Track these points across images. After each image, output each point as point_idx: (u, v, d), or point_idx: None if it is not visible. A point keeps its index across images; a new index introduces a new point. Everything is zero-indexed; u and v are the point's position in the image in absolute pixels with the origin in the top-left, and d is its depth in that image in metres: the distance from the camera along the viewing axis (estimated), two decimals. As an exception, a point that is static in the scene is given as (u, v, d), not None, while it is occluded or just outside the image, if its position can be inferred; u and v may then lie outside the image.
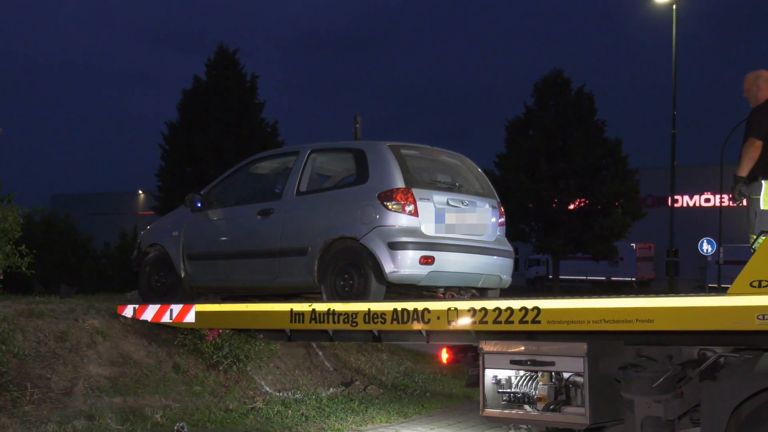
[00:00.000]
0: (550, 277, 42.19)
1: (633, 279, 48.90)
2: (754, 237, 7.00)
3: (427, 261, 7.92)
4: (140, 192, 72.47)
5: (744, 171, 7.17)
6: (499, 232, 8.96)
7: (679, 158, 31.75)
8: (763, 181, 7.21)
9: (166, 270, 9.83)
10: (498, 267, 8.68)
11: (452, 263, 8.17)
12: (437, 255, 8.00)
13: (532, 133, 38.02)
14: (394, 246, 7.85)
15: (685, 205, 54.66)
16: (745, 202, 7.39)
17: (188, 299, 9.56)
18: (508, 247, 8.99)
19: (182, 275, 9.66)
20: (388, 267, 7.83)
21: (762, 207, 7.18)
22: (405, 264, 7.86)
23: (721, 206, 38.88)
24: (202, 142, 33.40)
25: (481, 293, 8.87)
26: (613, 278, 48.56)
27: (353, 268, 8.10)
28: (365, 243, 7.96)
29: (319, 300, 8.25)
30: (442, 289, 8.67)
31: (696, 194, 55.16)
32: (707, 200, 54.53)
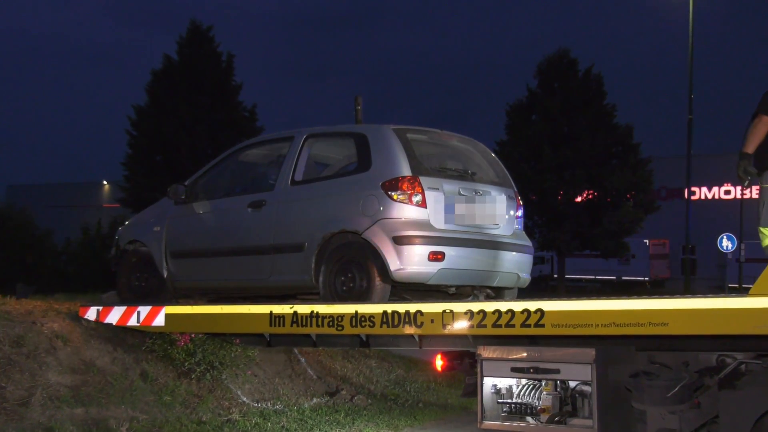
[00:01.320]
0: (555, 276, 42.29)
1: (646, 278, 49.05)
2: (764, 232, 7.01)
3: (436, 257, 7.91)
4: (105, 182, 72.30)
5: (750, 147, 7.16)
6: (517, 225, 8.96)
7: (696, 146, 31.85)
8: None
9: (147, 269, 9.83)
10: (515, 264, 8.68)
11: (464, 260, 8.16)
12: (448, 251, 7.99)
13: (535, 119, 38.02)
14: (399, 241, 7.84)
15: (702, 197, 54.86)
16: (756, 190, 7.37)
17: (172, 301, 9.56)
18: (527, 242, 8.99)
19: (165, 275, 9.65)
20: (394, 264, 7.82)
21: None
22: (412, 261, 7.84)
23: (742, 198, 39.01)
24: (173, 127, 33.28)
25: (497, 293, 8.88)
26: (623, 278, 48.70)
27: (354, 265, 8.10)
28: (368, 237, 7.95)
29: (318, 301, 8.24)
30: (453, 289, 8.67)
31: (715, 185, 55.35)
32: (727, 192, 54.73)
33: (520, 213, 9.02)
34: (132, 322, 9.23)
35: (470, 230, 8.28)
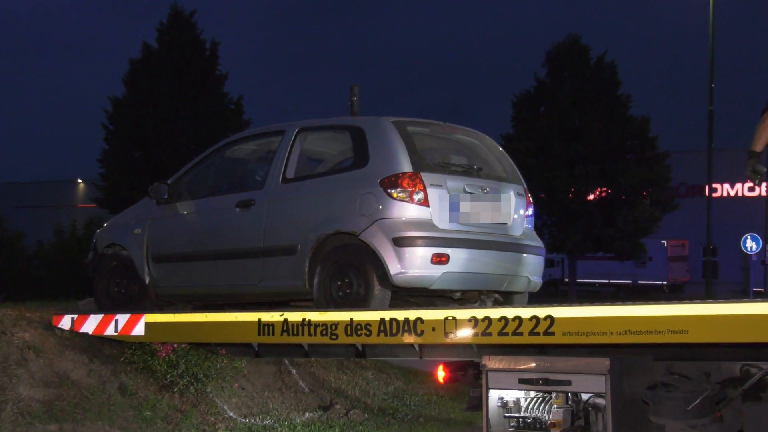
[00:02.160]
0: (566, 280, 42.33)
1: (664, 282, 49.11)
2: None
3: (440, 260, 7.91)
4: (79, 181, 72.27)
5: (759, 145, 7.24)
6: (527, 224, 8.97)
7: (717, 139, 31.79)
8: None
9: (127, 275, 9.83)
10: (526, 266, 8.68)
11: (470, 262, 8.17)
12: (452, 252, 8.00)
13: (544, 110, 38.11)
14: (400, 242, 7.84)
15: (725, 194, 54.94)
16: (764, 187, 7.45)
17: (153, 309, 9.55)
18: (538, 243, 8.99)
19: (147, 281, 9.66)
20: (394, 268, 7.82)
21: None
22: (414, 264, 7.85)
23: None
24: (152, 121, 33.31)
25: (506, 298, 8.89)
26: (640, 281, 48.76)
27: (351, 269, 8.10)
28: (365, 239, 7.96)
29: (312, 309, 8.25)
30: (458, 294, 8.68)
31: (738, 182, 55.42)
32: (751, 189, 54.72)
33: (530, 211, 9.03)
34: (109, 331, 9.22)
35: (476, 230, 8.29)
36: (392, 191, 7.96)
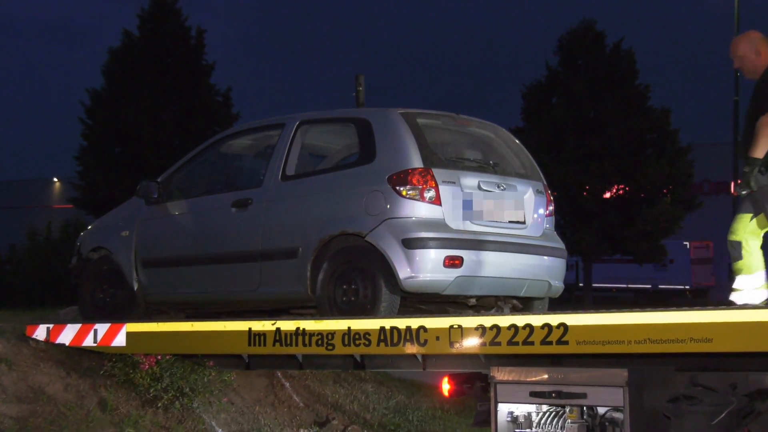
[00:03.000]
0: (581, 284, 42.33)
1: (686, 287, 49.06)
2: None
3: (453, 263, 7.93)
4: (55, 180, 72.20)
5: (762, 151, 7.17)
6: (547, 224, 8.98)
7: (743, 132, 31.68)
8: None
9: (114, 281, 9.85)
10: (546, 270, 8.70)
11: (486, 265, 8.18)
12: (467, 255, 8.01)
13: (556, 102, 38.06)
14: (410, 244, 7.86)
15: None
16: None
17: (143, 317, 9.57)
18: (559, 244, 9.02)
19: (135, 287, 9.67)
20: (403, 271, 7.83)
21: None
22: (425, 267, 7.86)
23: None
24: (134, 115, 33.26)
25: (525, 304, 8.90)
26: (660, 286, 48.72)
27: (357, 273, 8.11)
28: (373, 240, 7.97)
29: (314, 316, 8.25)
30: (473, 300, 8.69)
31: (765, 178, 55.34)
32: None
33: (550, 210, 9.04)
34: (88, 342, 9.23)
35: (493, 231, 8.29)
36: (401, 189, 7.98)
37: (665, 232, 37.12)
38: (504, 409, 6.96)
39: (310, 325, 7.75)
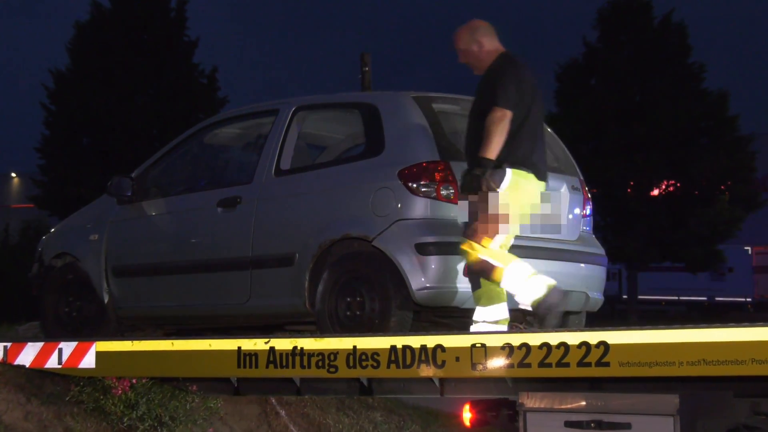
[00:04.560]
0: (624, 297, 42.33)
1: (747, 299, 49.03)
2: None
3: None
4: (13, 175, 72.48)
5: (494, 151, 7.39)
6: (585, 226, 9.01)
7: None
8: (509, 170, 7.45)
9: (82, 292, 9.88)
10: (583, 279, 8.72)
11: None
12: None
13: (595, 84, 38.10)
14: (424, 249, 7.86)
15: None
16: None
17: (115, 335, 9.59)
18: (599, 249, 9.04)
19: (106, 300, 9.70)
20: (416, 281, 7.84)
21: (501, 203, 7.42)
22: (441, 276, 7.87)
23: None
24: (104, 99, 33.33)
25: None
26: (717, 298, 48.69)
27: (363, 284, 8.12)
28: (381, 245, 7.98)
29: (314, 333, 8.26)
30: None
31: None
32: None
33: (588, 210, 9.05)
34: (52, 363, 9.24)
35: (521, 234, 8.28)
36: (414, 185, 7.98)
37: (723, 235, 37.13)
38: (535, 442, 6.97)
39: (308, 343, 7.75)
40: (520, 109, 7.44)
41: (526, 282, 7.41)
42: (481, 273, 7.47)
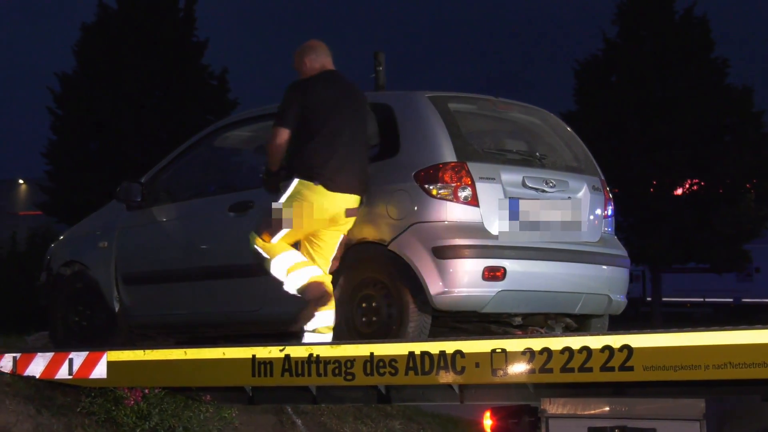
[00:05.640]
0: (648, 299, 42.23)
1: (776, 301, 48.85)
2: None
3: (494, 275, 7.93)
4: (21, 181, 72.61)
5: (272, 164, 8.31)
6: (606, 227, 8.99)
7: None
8: (295, 179, 8.11)
9: (91, 301, 9.89)
10: (605, 282, 8.71)
11: (533, 278, 8.20)
12: (510, 265, 8.01)
13: (615, 80, 38.02)
14: (442, 253, 7.86)
15: None
16: None
17: (127, 344, 9.59)
18: (621, 251, 9.01)
19: (116, 308, 9.70)
20: (435, 286, 7.84)
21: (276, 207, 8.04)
22: (460, 280, 7.87)
23: None
24: (112, 103, 33.35)
25: (580, 323, 8.90)
26: (744, 300, 48.49)
27: (380, 289, 8.14)
28: (397, 249, 7.99)
29: (331, 340, 8.26)
30: (519, 319, 8.68)
31: None
32: None
33: (609, 210, 9.03)
34: (62, 374, 9.25)
35: (541, 236, 8.28)
36: (431, 187, 7.98)
37: (749, 234, 37.03)
38: (557, 449, 6.97)
39: (325, 350, 7.75)
40: (312, 123, 7.98)
41: (290, 273, 7.98)
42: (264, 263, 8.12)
